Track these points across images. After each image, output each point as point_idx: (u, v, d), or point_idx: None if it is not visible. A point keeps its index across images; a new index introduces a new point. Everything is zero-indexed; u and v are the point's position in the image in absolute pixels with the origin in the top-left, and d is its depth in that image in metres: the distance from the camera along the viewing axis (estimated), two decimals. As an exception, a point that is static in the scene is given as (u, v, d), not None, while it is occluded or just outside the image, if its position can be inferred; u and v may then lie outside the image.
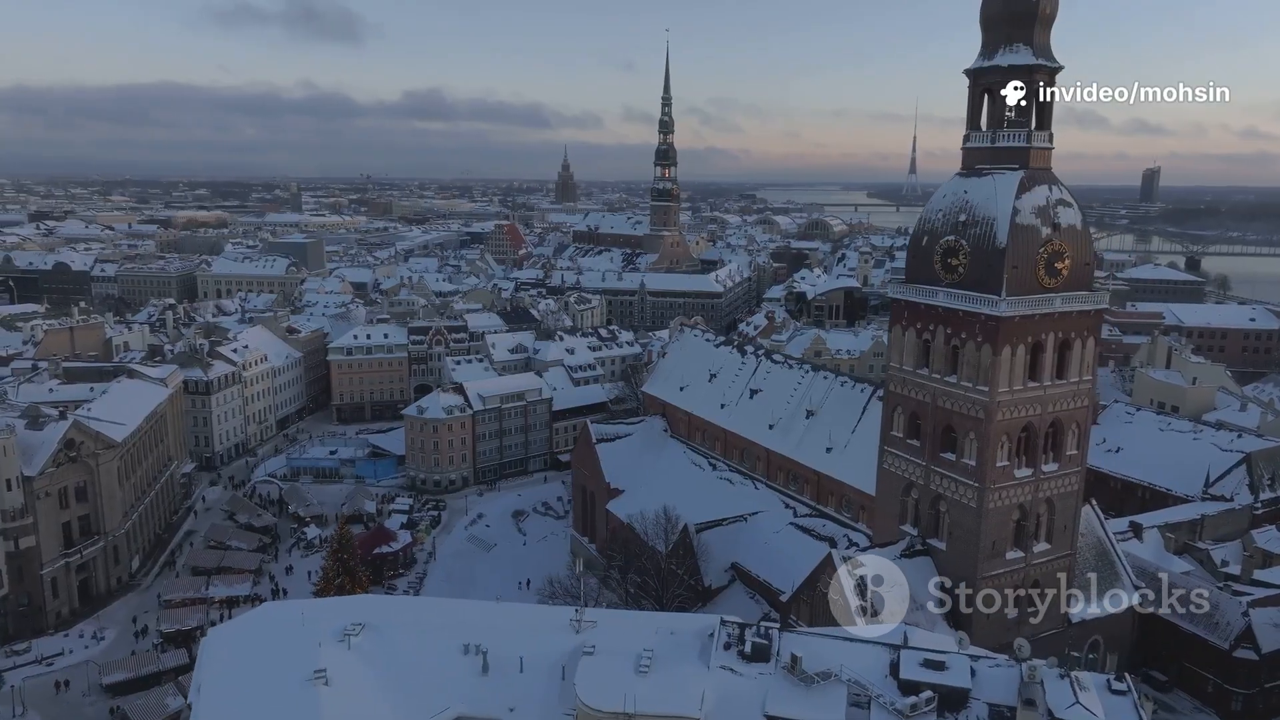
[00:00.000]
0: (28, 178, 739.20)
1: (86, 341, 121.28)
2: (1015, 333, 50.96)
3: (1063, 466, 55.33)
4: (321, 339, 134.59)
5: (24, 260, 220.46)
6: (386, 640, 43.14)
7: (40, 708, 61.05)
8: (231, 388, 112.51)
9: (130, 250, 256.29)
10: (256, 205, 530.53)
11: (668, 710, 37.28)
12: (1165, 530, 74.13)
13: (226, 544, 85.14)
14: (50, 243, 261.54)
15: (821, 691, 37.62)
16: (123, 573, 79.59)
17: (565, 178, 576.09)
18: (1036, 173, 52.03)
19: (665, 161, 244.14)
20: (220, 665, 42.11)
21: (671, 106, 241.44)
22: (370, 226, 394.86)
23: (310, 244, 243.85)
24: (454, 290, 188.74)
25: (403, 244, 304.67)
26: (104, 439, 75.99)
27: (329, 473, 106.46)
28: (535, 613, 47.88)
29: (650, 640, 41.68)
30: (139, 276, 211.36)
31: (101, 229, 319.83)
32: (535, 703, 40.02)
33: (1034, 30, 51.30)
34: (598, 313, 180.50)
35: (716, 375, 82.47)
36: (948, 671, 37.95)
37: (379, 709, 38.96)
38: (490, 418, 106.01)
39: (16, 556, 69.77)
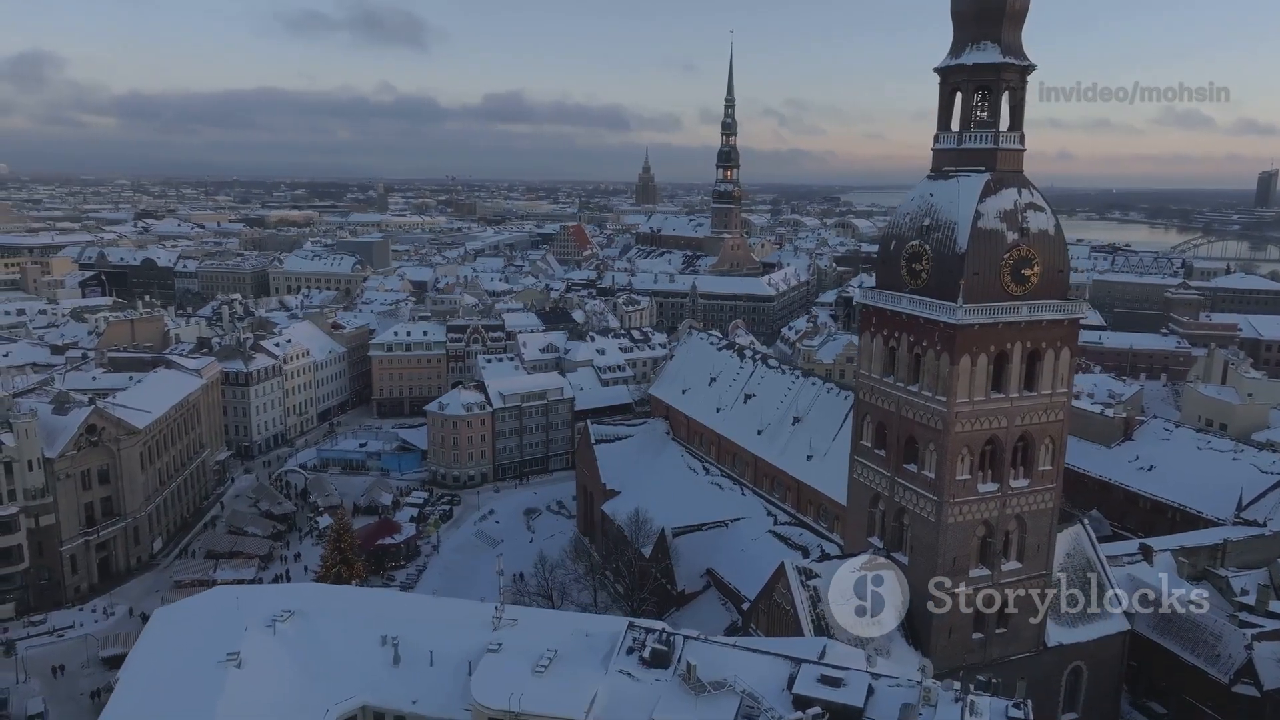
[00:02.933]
0: (145, 178, 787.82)
1: (146, 333, 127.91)
2: (975, 341, 49.02)
3: (1035, 483, 52.91)
4: (366, 335, 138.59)
5: (116, 256, 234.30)
6: (311, 628, 44.43)
7: (42, 676, 64.86)
8: (271, 380, 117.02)
9: (214, 247, 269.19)
10: (348, 205, 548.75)
11: (553, 712, 37.41)
12: (1181, 554, 69.84)
13: (243, 530, 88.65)
14: (144, 239, 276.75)
15: (712, 701, 37.18)
16: (143, 553, 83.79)
17: (645, 180, 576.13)
18: (1005, 175, 49.96)
19: (727, 163, 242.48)
20: (153, 644, 44.13)
21: (735, 108, 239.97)
22: (447, 226, 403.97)
23: (376, 243, 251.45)
24: (508, 290, 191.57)
25: (473, 244, 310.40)
26: (125, 425, 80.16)
27: (356, 465, 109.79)
28: (460, 608, 48.52)
29: (561, 641, 41.85)
30: (217, 272, 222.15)
31: (192, 227, 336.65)
32: (439, 696, 40.69)
33: (1002, 28, 49.31)
34: (647, 314, 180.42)
35: (716, 379, 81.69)
36: (843, 689, 37.02)
37: (285, 693, 40.11)
38: (510, 416, 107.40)
39: (37, 533, 74.30)
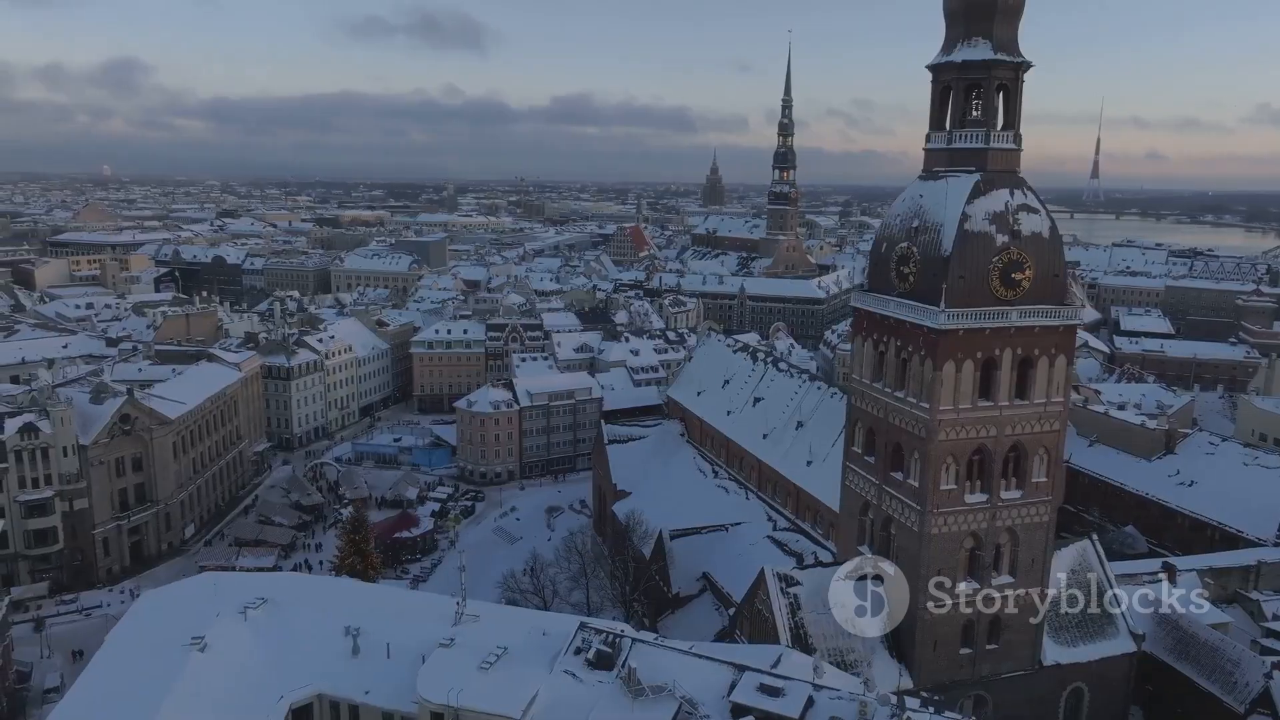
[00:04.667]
0: (234, 179, 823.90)
1: (201, 328, 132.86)
2: (960, 347, 47.55)
3: (1028, 495, 51.02)
4: (410, 332, 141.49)
5: (190, 253, 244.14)
6: (280, 615, 45.55)
7: (64, 653, 67.98)
8: (312, 375, 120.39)
9: (283, 246, 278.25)
10: (421, 206, 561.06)
11: (491, 709, 37.66)
12: (1209, 574, 66.44)
13: (271, 519, 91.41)
14: (217, 237, 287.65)
15: (649, 705, 36.89)
16: (174, 538, 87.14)
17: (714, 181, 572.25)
18: (997, 176, 48.36)
19: (784, 164, 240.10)
20: (130, 627, 45.84)
21: (792, 109, 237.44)
22: (511, 227, 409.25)
23: (433, 243, 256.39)
24: (557, 289, 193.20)
25: (533, 244, 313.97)
26: (158, 415, 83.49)
27: (389, 459, 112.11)
28: (429, 602, 49.05)
29: (515, 639, 42.06)
30: (281, 270, 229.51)
31: (264, 226, 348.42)
32: (390, 688, 41.26)
33: (994, 23, 47.72)
34: (693, 315, 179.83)
35: (729, 381, 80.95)
36: (781, 699, 36.38)
37: (244, 678, 41.17)
38: (538, 414, 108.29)
39: (71, 516, 77.97)
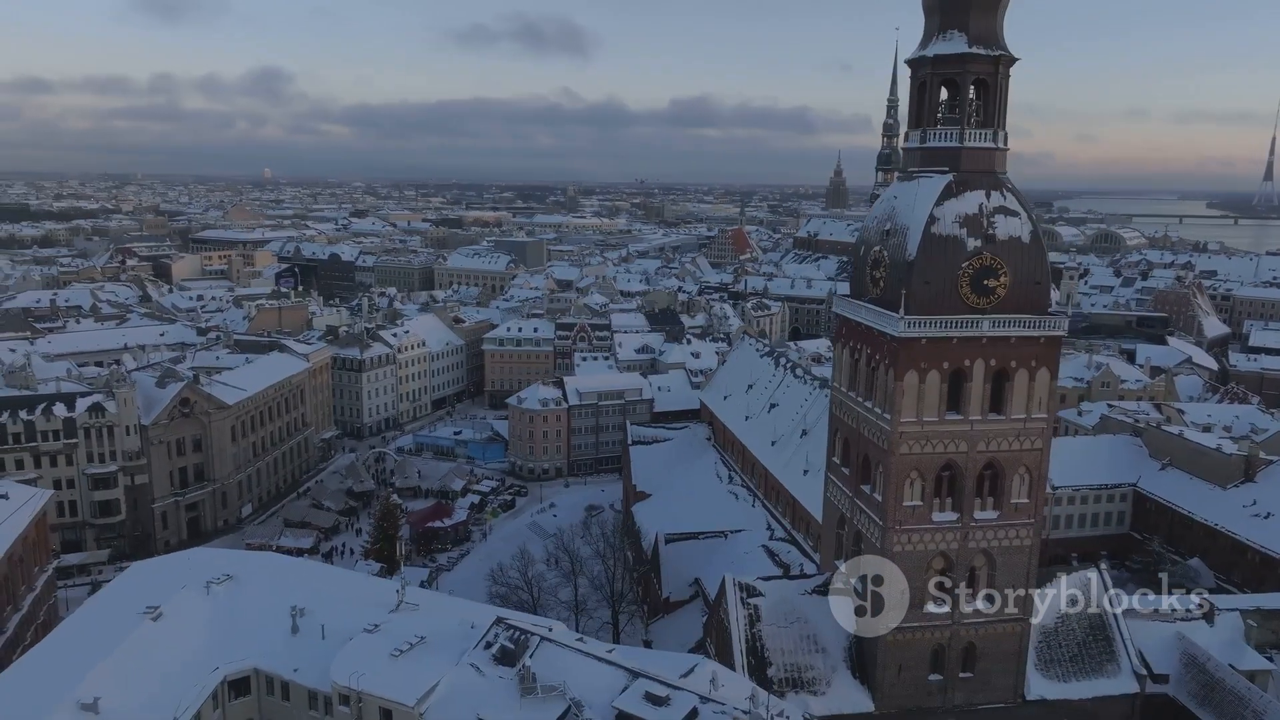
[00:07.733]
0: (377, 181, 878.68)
1: (292, 320, 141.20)
2: (922, 356, 45.19)
3: (1006, 516, 47.96)
4: (486, 329, 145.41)
5: (309, 250, 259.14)
6: (239, 592, 48.00)
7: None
8: (384, 367, 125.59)
9: (399, 244, 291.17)
10: (548, 207, 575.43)
11: (389, 695, 38.71)
12: (1253, 615, 60.53)
13: (320, 503, 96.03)
14: (338, 236, 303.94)
15: (537, 704, 37.03)
16: (231, 515, 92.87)
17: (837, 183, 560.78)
18: (971, 176, 45.65)
19: (887, 166, 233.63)
20: (106, 595, 49.46)
21: (898, 109, 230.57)
22: (621, 229, 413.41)
23: (530, 243, 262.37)
24: (644, 290, 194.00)
25: (639, 245, 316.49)
26: (216, 400, 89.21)
27: (446, 450, 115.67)
28: (376, 586, 50.43)
29: (437, 629, 42.92)
30: (390, 267, 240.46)
31: (385, 225, 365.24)
32: (316, 669, 42.82)
33: (970, 16, 45.13)
34: (778, 320, 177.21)
35: (753, 386, 79.49)
36: (665, 708, 35.80)
37: (187, 647, 43.64)
38: (586, 413, 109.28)
39: (133, 490, 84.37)
